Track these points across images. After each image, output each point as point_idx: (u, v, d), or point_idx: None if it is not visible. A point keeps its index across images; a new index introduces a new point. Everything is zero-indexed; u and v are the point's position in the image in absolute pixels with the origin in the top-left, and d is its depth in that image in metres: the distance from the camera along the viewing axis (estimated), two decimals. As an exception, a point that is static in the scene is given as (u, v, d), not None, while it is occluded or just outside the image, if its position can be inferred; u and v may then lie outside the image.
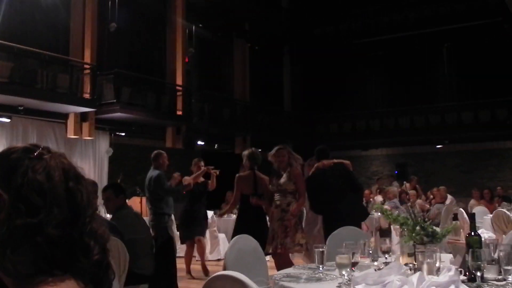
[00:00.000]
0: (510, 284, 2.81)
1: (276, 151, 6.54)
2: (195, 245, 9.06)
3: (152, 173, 7.69)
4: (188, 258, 9.06)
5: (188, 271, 8.97)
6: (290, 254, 6.68)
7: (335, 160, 6.98)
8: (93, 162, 14.09)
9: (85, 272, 1.07)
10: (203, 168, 8.60)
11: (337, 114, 22.02)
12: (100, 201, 6.29)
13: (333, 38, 22.38)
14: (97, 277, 1.10)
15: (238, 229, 6.19)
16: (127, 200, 6.16)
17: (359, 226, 6.00)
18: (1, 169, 1.09)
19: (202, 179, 8.84)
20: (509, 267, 2.88)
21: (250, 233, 4.59)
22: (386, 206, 6.40)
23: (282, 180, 6.39)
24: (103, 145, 14.61)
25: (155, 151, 7.98)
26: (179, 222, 9.31)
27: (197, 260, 9.50)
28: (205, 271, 8.84)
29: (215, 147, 18.00)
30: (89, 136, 13.79)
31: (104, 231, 1.15)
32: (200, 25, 18.23)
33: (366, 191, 12.93)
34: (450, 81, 21.27)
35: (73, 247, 1.07)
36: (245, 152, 7.12)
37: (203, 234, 9.23)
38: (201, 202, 8.95)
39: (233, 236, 5.64)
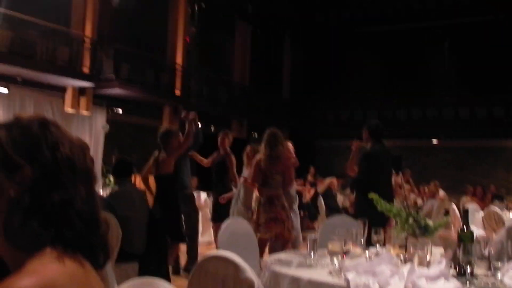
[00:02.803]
0: (499, 281, 2.83)
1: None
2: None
3: None
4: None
5: None
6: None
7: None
8: (89, 137, 14.03)
9: (95, 244, 1.10)
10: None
11: (335, 102, 22.03)
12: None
13: (335, 26, 22.31)
14: (105, 248, 1.14)
15: None
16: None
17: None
18: (23, 142, 1.09)
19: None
20: (499, 264, 2.90)
21: None
22: (380, 198, 6.37)
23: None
24: (100, 121, 14.56)
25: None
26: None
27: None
28: None
29: (212, 129, 17.98)
30: (86, 111, 13.75)
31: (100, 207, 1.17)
32: (203, 4, 18.13)
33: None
34: (449, 75, 21.27)
35: (92, 221, 1.10)
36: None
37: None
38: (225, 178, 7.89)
39: None
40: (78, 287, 1.02)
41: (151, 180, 6.54)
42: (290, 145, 7.31)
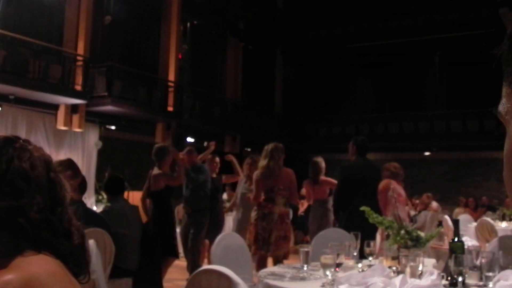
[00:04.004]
0: (490, 290, 2.86)
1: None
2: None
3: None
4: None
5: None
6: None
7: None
8: (81, 155, 14.04)
9: (65, 253, 1.17)
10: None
11: (327, 117, 22.10)
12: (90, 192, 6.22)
13: (327, 41, 22.43)
14: (78, 259, 1.21)
15: None
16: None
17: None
18: None
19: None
20: (490, 274, 2.92)
21: None
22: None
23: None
24: (93, 138, 14.57)
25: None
26: None
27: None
28: None
29: (204, 144, 17.98)
30: (79, 128, 13.74)
31: (77, 222, 1.25)
32: (195, 22, 18.23)
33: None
34: (440, 89, 21.39)
35: (55, 231, 1.17)
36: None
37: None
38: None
39: None
40: (60, 284, 1.09)
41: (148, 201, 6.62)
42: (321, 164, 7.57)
